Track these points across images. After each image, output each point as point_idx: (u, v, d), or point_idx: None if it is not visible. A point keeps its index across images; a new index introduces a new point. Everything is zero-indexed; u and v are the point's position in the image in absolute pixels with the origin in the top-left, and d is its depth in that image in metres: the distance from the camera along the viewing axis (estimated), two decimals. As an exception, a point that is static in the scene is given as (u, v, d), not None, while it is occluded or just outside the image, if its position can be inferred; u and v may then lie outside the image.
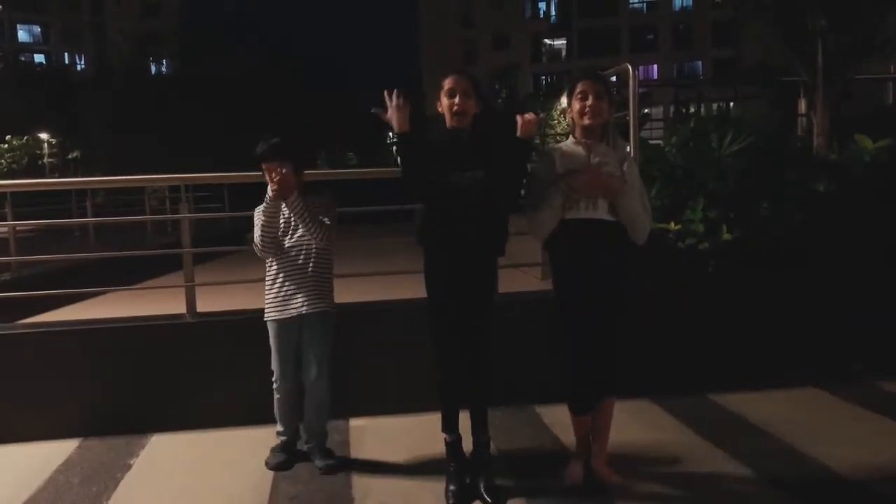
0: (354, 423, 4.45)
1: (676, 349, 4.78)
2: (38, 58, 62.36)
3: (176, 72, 43.20)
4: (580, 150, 3.36)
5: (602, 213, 3.29)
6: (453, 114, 3.32)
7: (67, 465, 4.00)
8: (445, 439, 3.58)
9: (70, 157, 41.84)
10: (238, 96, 34.53)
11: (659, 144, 5.86)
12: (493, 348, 3.52)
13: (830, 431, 4.10)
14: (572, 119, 3.42)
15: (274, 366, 3.84)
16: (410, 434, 4.20)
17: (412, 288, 3.94)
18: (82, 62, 65.06)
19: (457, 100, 3.31)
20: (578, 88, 3.34)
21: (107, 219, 15.83)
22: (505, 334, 4.70)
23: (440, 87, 3.38)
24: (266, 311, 3.81)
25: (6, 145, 37.50)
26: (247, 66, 38.14)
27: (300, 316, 3.72)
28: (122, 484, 3.75)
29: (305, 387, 3.84)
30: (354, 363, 4.38)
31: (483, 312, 3.46)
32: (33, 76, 44.30)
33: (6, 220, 11.06)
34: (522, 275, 7.96)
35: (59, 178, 31.64)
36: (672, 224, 4.70)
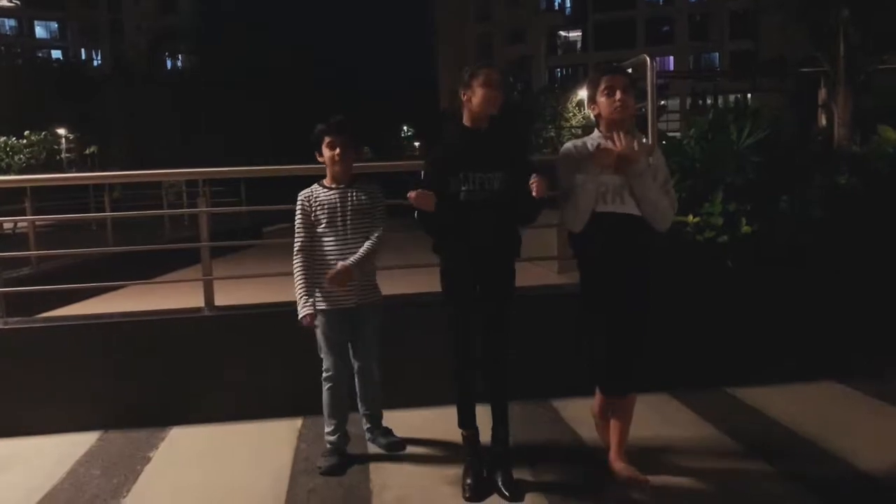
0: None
1: (695, 343, 4.74)
2: (56, 54, 62.85)
3: (192, 68, 43.44)
4: (607, 142, 3.34)
5: (630, 207, 3.28)
6: (486, 106, 3.39)
7: (88, 458, 4.04)
8: (462, 433, 3.59)
9: (87, 152, 42.16)
10: (254, 92, 34.69)
11: (676, 137, 5.82)
12: (511, 343, 3.51)
13: (849, 426, 4.07)
14: (598, 114, 3.39)
15: (326, 356, 3.81)
16: (429, 427, 4.20)
17: (429, 282, 3.94)
18: (99, 58, 65.53)
19: (493, 92, 3.38)
20: (605, 84, 3.33)
21: (124, 213, 15.95)
22: (523, 329, 4.70)
23: (473, 76, 3.40)
24: (317, 301, 3.71)
25: (25, 141, 37.79)
26: (264, 63, 38.29)
27: (356, 306, 3.74)
28: (142, 476, 3.78)
29: (362, 370, 3.87)
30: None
31: (502, 307, 3.48)
32: (51, 72, 44.64)
33: (26, 215, 11.17)
34: (539, 269, 7.96)
35: (76, 173, 31.92)
36: (690, 217, 4.66)
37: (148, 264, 9.20)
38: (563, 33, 60.32)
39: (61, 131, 40.06)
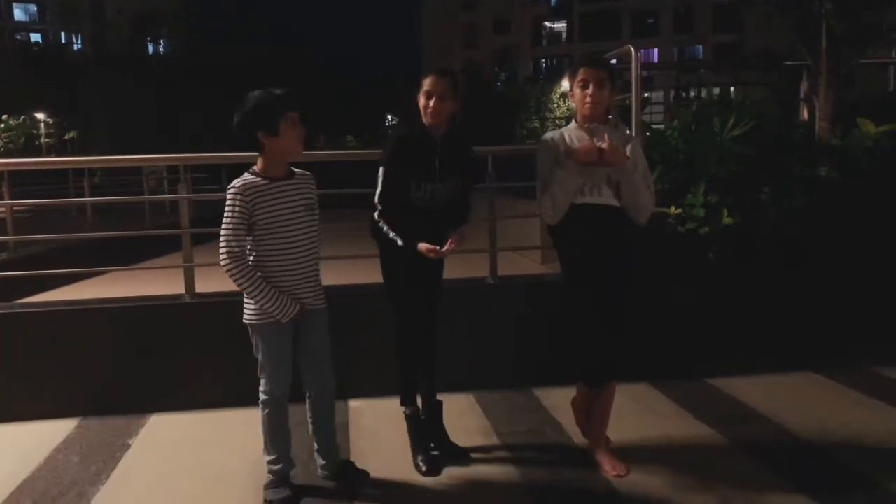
0: (353, 403, 4.46)
1: (675, 333, 4.78)
2: (35, 37, 61.92)
3: (174, 52, 42.96)
4: (583, 134, 3.36)
5: (607, 197, 3.30)
6: (427, 115, 3.38)
7: (67, 445, 4.01)
8: (405, 412, 3.67)
9: (67, 137, 41.64)
10: (237, 78, 34.37)
11: (661, 129, 5.84)
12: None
13: (828, 416, 4.11)
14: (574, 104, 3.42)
15: (268, 375, 3.26)
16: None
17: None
18: (79, 42, 64.60)
19: (432, 102, 3.34)
20: (580, 76, 3.31)
21: (104, 199, 15.78)
22: (504, 318, 4.71)
23: (419, 85, 3.39)
24: (255, 312, 3.18)
25: (3, 125, 37.28)
26: (246, 49, 37.94)
27: (303, 314, 3.21)
28: (121, 463, 3.76)
29: (317, 392, 3.38)
30: (354, 345, 4.37)
31: (440, 297, 3.73)
32: (30, 55, 43.97)
33: (3, 200, 11.01)
34: (522, 259, 7.98)
35: (55, 157, 31.53)
36: (673, 208, 4.68)
37: (129, 251, 9.12)
38: (548, 24, 60.34)
39: (40, 116, 39.54)
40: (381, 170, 3.40)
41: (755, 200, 4.73)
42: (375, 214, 3.41)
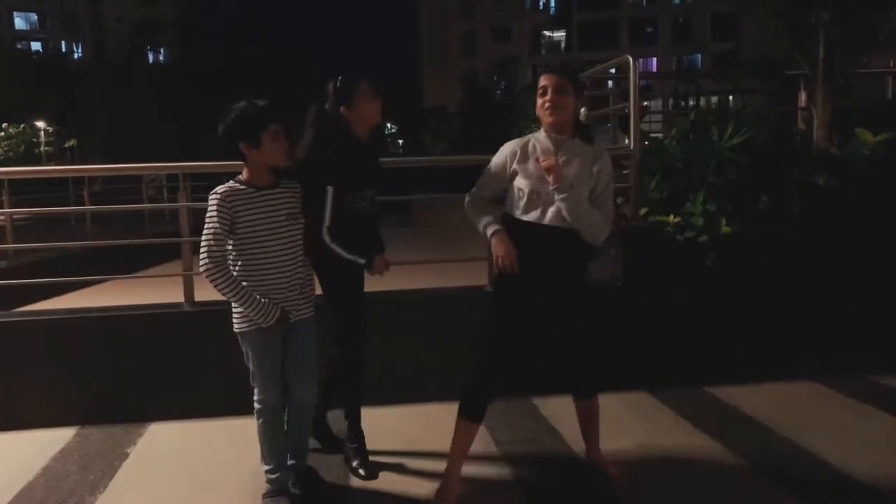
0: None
1: (674, 341, 4.78)
2: (35, 45, 62.03)
3: (174, 60, 43.04)
4: (549, 145, 3.20)
5: (557, 219, 3.11)
6: (371, 120, 3.53)
7: (65, 453, 4.00)
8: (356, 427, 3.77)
9: (67, 145, 41.69)
10: (236, 85, 34.44)
11: (659, 137, 5.85)
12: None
13: (827, 424, 4.12)
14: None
15: (262, 384, 3.28)
16: (407, 423, 4.22)
17: (412, 280, 3.94)
18: (79, 50, 64.77)
19: (375, 108, 3.52)
20: (540, 83, 3.19)
21: (104, 207, 15.79)
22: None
23: (354, 89, 3.47)
24: (242, 320, 3.21)
25: (3, 133, 37.32)
26: (244, 55, 38.02)
27: (292, 322, 3.25)
28: (119, 472, 3.75)
29: (298, 398, 3.37)
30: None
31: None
32: (30, 64, 44.06)
33: (3, 208, 11.02)
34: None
35: (55, 166, 31.57)
36: (671, 217, 4.70)
37: (129, 259, 9.13)
38: (547, 33, 60.50)
39: (40, 124, 39.60)
40: (329, 190, 3.33)
41: (754, 208, 4.74)
42: (327, 239, 3.34)
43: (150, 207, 14.01)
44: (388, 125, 59.31)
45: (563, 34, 59.72)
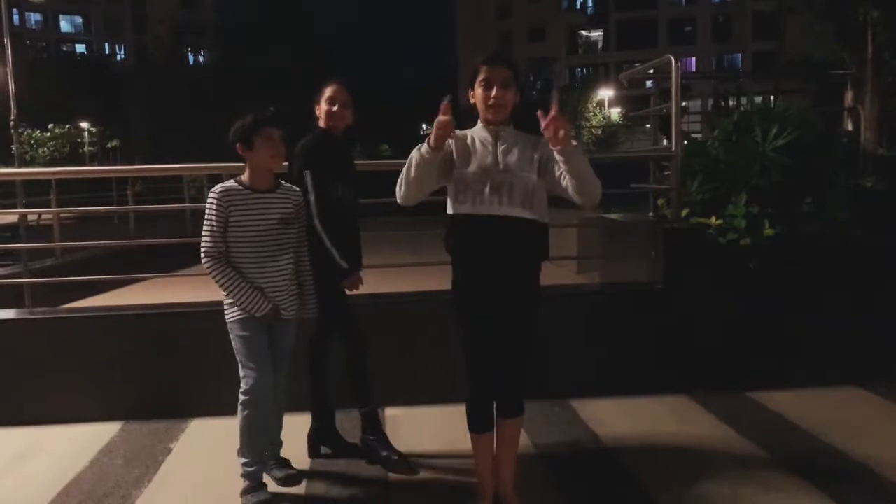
0: (390, 412, 4.48)
1: (716, 346, 4.72)
2: (80, 48, 63.53)
3: (214, 62, 43.71)
4: (486, 135, 3.01)
5: (512, 208, 2.91)
6: (333, 119, 3.64)
7: (110, 448, 4.09)
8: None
9: (109, 145, 42.61)
10: (275, 87, 34.85)
11: (699, 138, 5.78)
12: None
13: (872, 431, 4.03)
14: (474, 103, 3.04)
15: (249, 373, 3.38)
16: (441, 423, 4.22)
17: (441, 280, 3.91)
18: (122, 52, 66.16)
19: (335, 108, 3.62)
20: (482, 75, 2.96)
21: (146, 207, 16.11)
22: (541, 328, 4.69)
23: (322, 93, 3.66)
24: (231, 310, 3.37)
25: (49, 133, 38.25)
26: (284, 58, 38.45)
27: (283, 318, 3.41)
28: (163, 467, 3.83)
29: (274, 388, 3.48)
30: (391, 353, 4.40)
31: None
32: (75, 66, 45.11)
33: (50, 207, 11.30)
34: (558, 269, 7.94)
35: (98, 166, 32.25)
36: (713, 219, 4.63)
37: (170, 257, 9.28)
38: (584, 33, 60.08)
39: (84, 125, 40.51)
40: (308, 174, 3.50)
41: (798, 211, 4.66)
42: (317, 223, 3.51)
43: (191, 207, 14.25)
44: (424, 126, 59.40)
45: (601, 34, 59.26)
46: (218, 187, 3.30)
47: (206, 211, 3.27)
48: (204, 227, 3.28)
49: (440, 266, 3.99)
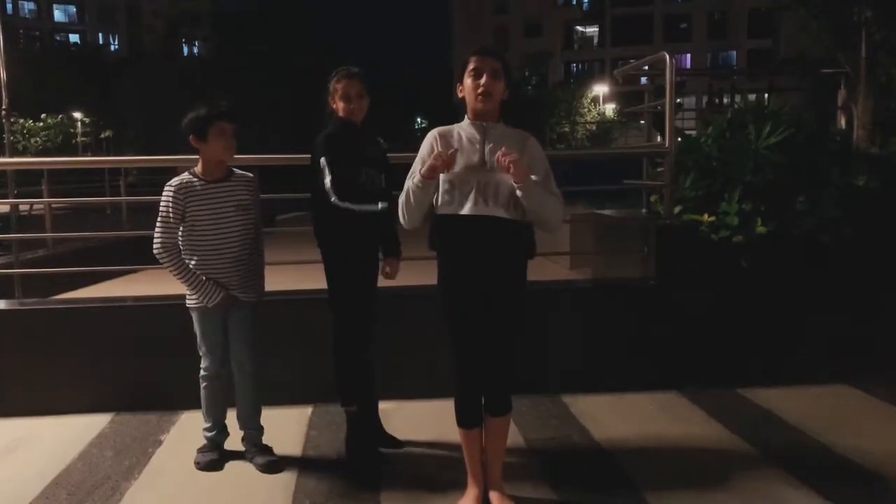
0: (383, 405, 4.47)
1: (706, 342, 4.74)
2: (73, 37, 63.17)
3: (209, 54, 43.51)
4: (474, 132, 3.00)
5: (497, 208, 2.92)
6: (350, 114, 3.55)
7: (101, 439, 4.09)
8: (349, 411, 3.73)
9: (102, 136, 42.37)
10: (269, 79, 34.70)
11: (693, 135, 5.78)
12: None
13: (862, 429, 4.05)
14: (464, 98, 3.04)
15: (205, 355, 3.68)
16: (431, 416, 4.22)
17: (427, 274, 3.91)
18: (116, 43, 65.81)
19: (352, 105, 3.53)
20: (472, 65, 2.96)
21: (139, 198, 16.01)
22: (532, 324, 4.70)
23: (335, 88, 3.57)
24: (190, 298, 3.61)
25: (41, 123, 37.99)
26: (279, 51, 38.26)
27: (230, 301, 3.58)
28: (153, 458, 3.82)
29: (237, 372, 3.70)
30: (386, 349, 4.39)
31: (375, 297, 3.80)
32: (68, 55, 44.83)
33: (42, 197, 11.24)
34: (552, 264, 7.96)
35: (91, 156, 32.09)
36: (706, 216, 4.64)
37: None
38: (579, 28, 60.10)
39: (77, 115, 40.26)
40: (323, 160, 3.41)
41: (790, 209, 4.67)
42: (335, 199, 3.33)
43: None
44: (419, 119, 59.29)
45: (596, 29, 59.30)
46: (174, 181, 3.47)
47: (162, 204, 3.44)
48: (158, 221, 3.44)
49: (426, 261, 4.00)
